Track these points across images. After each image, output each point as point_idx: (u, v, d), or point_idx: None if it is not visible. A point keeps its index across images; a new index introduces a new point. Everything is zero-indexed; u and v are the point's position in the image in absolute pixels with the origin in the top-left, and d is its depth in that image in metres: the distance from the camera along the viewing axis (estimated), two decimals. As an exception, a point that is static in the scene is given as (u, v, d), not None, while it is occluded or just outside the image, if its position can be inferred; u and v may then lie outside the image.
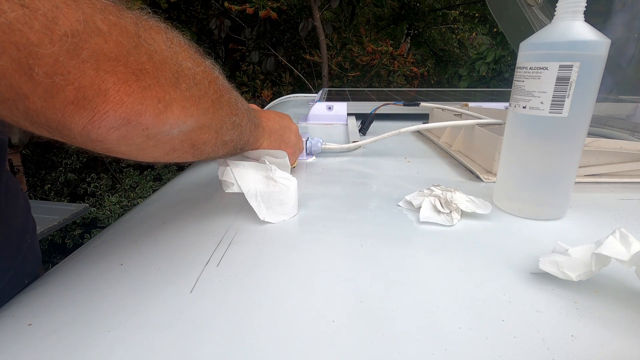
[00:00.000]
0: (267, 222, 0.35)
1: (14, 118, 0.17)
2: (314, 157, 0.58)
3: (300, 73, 3.46)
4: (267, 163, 0.37)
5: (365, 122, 0.73)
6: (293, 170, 0.50)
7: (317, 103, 0.93)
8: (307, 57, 3.42)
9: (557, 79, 0.31)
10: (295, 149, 0.45)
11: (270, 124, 0.40)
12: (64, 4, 0.15)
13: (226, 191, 0.36)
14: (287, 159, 0.40)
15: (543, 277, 0.26)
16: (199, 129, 0.25)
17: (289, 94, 1.62)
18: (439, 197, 0.36)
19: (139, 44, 0.19)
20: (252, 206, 0.35)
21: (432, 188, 0.38)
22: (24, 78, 0.15)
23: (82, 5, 0.16)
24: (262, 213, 0.35)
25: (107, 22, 0.17)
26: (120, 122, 0.19)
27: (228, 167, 0.36)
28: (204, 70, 0.25)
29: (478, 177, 0.47)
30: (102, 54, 0.17)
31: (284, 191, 0.35)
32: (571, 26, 0.30)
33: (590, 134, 0.37)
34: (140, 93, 0.19)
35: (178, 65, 0.22)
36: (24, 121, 0.17)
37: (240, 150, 0.35)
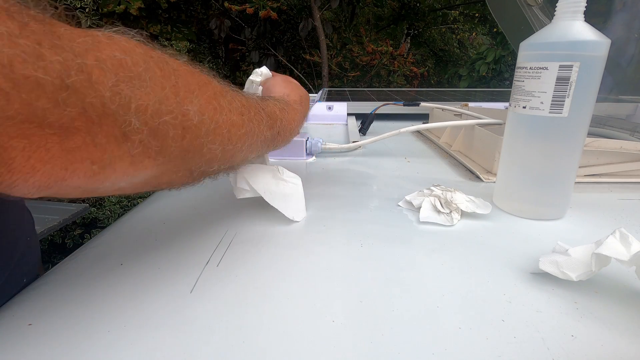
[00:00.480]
0: (267, 222, 0.35)
1: None
2: (314, 157, 0.58)
3: (300, 73, 3.46)
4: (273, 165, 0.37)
5: (365, 122, 0.73)
6: (291, 167, 0.50)
7: (317, 103, 0.93)
8: (307, 57, 3.42)
9: (557, 79, 0.31)
10: (304, 99, 0.41)
11: (293, 97, 0.37)
12: None
13: (239, 197, 0.35)
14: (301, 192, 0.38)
15: (543, 277, 0.26)
16: (160, 175, 0.21)
17: (289, 94, 1.61)
18: (439, 197, 0.36)
19: (60, 101, 0.14)
20: (278, 208, 0.35)
21: (432, 188, 0.38)
22: None
23: None
24: (289, 213, 0.35)
25: (12, 78, 0.13)
26: (36, 189, 0.15)
27: (238, 173, 0.35)
28: (184, 111, 0.20)
29: (478, 177, 0.47)
30: (4, 117, 0.13)
31: (296, 190, 0.36)
32: (571, 26, 0.30)
33: (590, 134, 0.37)
34: (64, 157, 0.15)
35: (128, 114, 0.17)
36: None
37: (281, 140, 0.32)
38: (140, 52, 0.18)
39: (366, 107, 0.91)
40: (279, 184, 0.35)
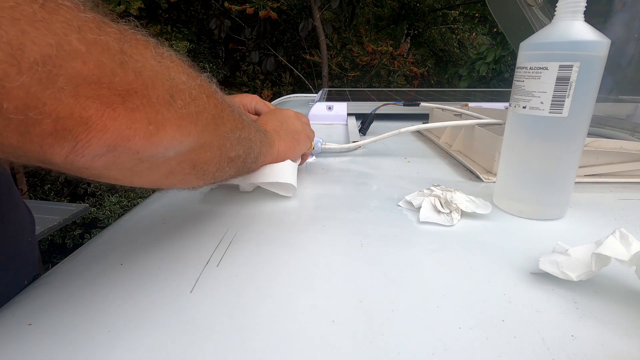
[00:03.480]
0: (267, 222, 0.35)
1: None
2: (314, 157, 0.58)
3: (300, 73, 3.46)
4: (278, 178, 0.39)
5: (365, 122, 0.73)
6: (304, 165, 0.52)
7: (317, 103, 0.93)
8: (307, 57, 3.42)
9: (557, 79, 0.31)
10: (302, 133, 0.43)
11: (272, 125, 0.40)
12: (31, 27, 0.13)
13: (242, 190, 0.41)
14: (292, 164, 0.41)
15: (543, 277, 0.26)
16: (199, 147, 0.23)
17: (289, 94, 1.62)
18: (439, 197, 0.36)
19: (124, 61, 0.17)
20: (275, 179, 0.38)
21: (432, 188, 0.38)
22: None
23: (55, 25, 0.14)
24: (286, 178, 0.38)
25: (85, 41, 0.15)
26: (105, 149, 0.17)
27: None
28: (200, 84, 0.23)
29: (478, 177, 0.47)
30: (81, 78, 0.15)
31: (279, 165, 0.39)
32: (571, 26, 0.30)
33: (590, 134, 0.37)
34: (128, 116, 0.17)
35: (171, 80, 0.20)
36: (1, 155, 0.16)
37: (252, 164, 0.34)
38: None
39: (366, 107, 0.91)
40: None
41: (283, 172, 0.39)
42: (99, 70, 0.16)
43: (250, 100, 0.52)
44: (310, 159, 0.57)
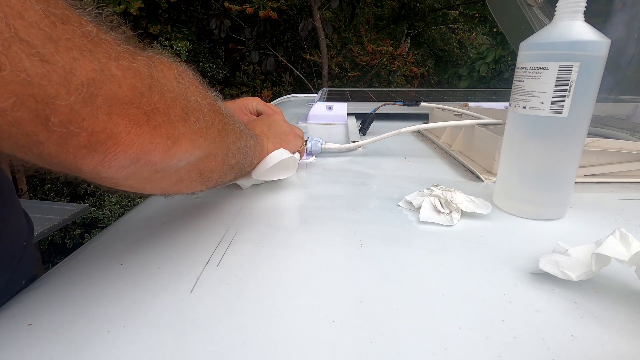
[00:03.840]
0: (267, 222, 0.35)
1: (26, 158, 0.18)
2: (314, 157, 0.58)
3: (300, 73, 3.46)
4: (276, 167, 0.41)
5: (365, 122, 0.73)
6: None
7: (317, 103, 0.93)
8: (307, 57, 3.42)
9: (557, 79, 0.31)
10: (290, 134, 0.46)
11: (260, 129, 0.42)
12: (81, 55, 0.16)
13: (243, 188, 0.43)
14: (287, 153, 0.42)
15: (543, 277, 0.26)
16: (205, 158, 0.26)
17: (289, 94, 1.62)
18: (439, 197, 0.36)
19: (152, 84, 0.19)
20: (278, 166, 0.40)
21: (432, 188, 0.38)
22: (40, 127, 0.16)
23: (99, 54, 0.17)
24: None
25: (122, 68, 0.18)
26: (129, 161, 0.19)
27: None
28: (209, 102, 0.26)
29: (478, 177, 0.47)
30: (116, 98, 0.17)
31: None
32: (571, 26, 0.30)
33: (590, 134, 0.37)
34: (151, 132, 0.20)
35: (187, 99, 0.22)
36: (36, 161, 0.18)
37: (247, 168, 0.37)
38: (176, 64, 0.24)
39: (366, 107, 0.91)
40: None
41: (273, 157, 0.41)
42: (131, 92, 0.18)
43: (252, 102, 0.54)
44: (310, 159, 0.57)
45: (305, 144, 0.56)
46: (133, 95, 0.18)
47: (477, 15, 4.13)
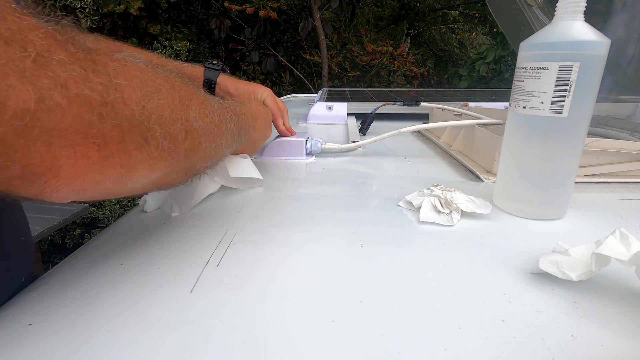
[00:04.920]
0: (267, 222, 0.35)
1: None
2: (314, 157, 0.58)
3: (300, 73, 3.46)
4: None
5: (365, 122, 0.73)
6: (291, 167, 0.53)
7: (317, 103, 0.93)
8: (307, 57, 3.42)
9: (557, 79, 0.31)
10: (260, 137, 0.48)
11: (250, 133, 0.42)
12: (18, 83, 0.14)
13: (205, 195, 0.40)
14: (245, 159, 0.43)
15: (543, 277, 0.26)
16: (165, 176, 0.25)
17: (289, 94, 1.62)
18: (439, 197, 0.36)
19: (103, 113, 0.18)
20: (241, 175, 0.41)
21: (432, 188, 0.38)
22: None
23: (42, 80, 0.15)
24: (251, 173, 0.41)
25: (67, 96, 0.16)
26: (74, 193, 0.18)
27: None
28: (194, 116, 0.24)
29: (478, 177, 0.47)
30: (57, 130, 0.16)
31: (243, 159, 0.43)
32: (571, 26, 0.30)
33: (590, 134, 0.37)
34: (101, 163, 0.18)
35: (150, 124, 0.21)
36: None
37: (209, 170, 0.36)
38: (151, 70, 0.22)
39: (366, 107, 0.91)
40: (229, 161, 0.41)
41: (243, 168, 0.42)
42: (76, 123, 0.17)
43: (263, 93, 0.54)
44: (311, 159, 0.57)
45: (305, 143, 0.57)
46: (79, 126, 0.17)
47: (477, 15, 4.13)
